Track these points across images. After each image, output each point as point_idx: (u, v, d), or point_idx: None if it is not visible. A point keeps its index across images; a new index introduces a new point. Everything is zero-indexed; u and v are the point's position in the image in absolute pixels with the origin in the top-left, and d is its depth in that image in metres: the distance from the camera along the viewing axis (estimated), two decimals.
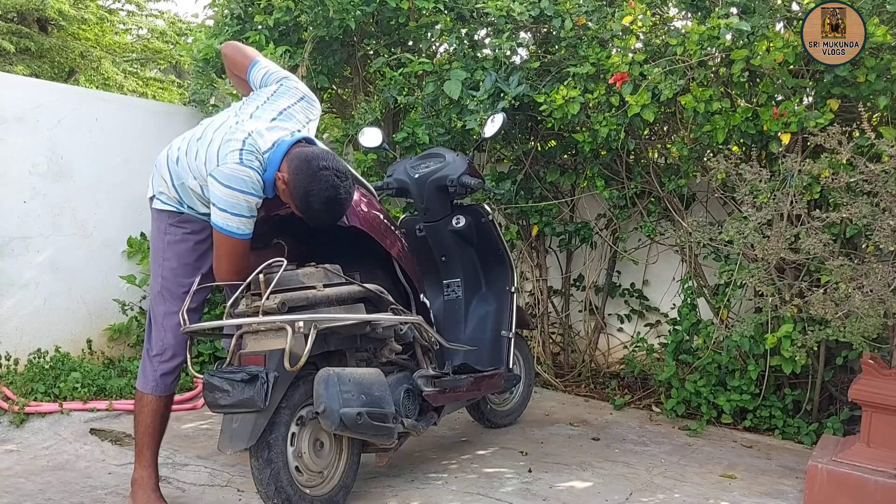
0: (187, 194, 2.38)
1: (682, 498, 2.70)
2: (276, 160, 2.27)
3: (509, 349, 3.17)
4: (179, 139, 2.45)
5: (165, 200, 2.46)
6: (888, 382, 2.63)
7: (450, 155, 3.18)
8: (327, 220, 2.32)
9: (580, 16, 3.52)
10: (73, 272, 3.83)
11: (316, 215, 2.29)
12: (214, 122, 2.41)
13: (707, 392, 3.59)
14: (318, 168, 2.23)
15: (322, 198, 2.24)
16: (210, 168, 2.25)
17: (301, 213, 2.30)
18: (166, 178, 2.42)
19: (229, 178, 2.21)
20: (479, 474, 2.86)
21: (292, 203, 2.29)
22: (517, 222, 4.35)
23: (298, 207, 2.29)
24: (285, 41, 4.15)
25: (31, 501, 2.46)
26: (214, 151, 2.27)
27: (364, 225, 2.54)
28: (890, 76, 2.90)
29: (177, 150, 2.40)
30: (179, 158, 2.37)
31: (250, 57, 2.55)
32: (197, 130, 2.42)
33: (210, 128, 2.38)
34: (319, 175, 2.22)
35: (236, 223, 2.23)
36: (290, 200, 2.29)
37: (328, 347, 2.40)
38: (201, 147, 2.32)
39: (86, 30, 11.02)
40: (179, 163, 2.37)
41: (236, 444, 2.20)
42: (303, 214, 2.31)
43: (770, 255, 2.82)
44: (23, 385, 3.34)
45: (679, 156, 3.55)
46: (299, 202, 2.26)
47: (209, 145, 2.30)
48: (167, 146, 2.48)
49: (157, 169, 2.47)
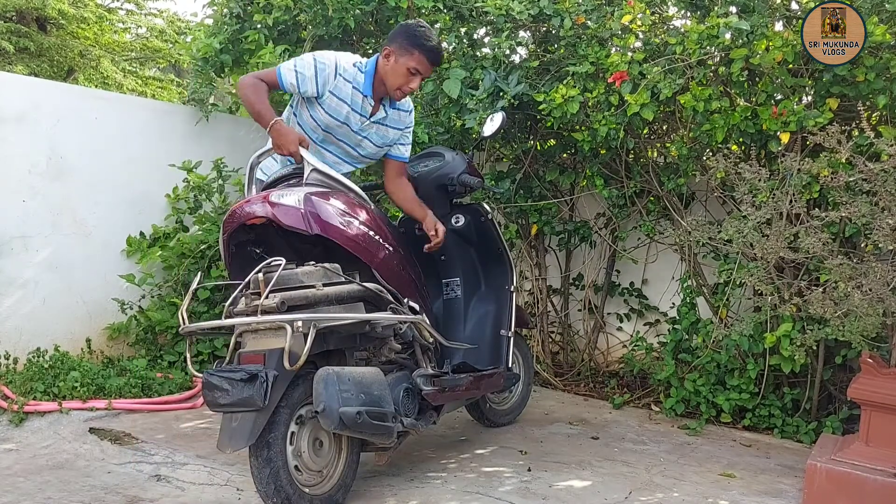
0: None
1: (681, 497, 2.70)
2: (373, 60, 2.80)
3: (508, 348, 3.17)
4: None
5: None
6: (887, 381, 2.63)
7: (449, 154, 3.18)
8: (438, 51, 2.79)
9: (579, 15, 3.52)
10: (73, 271, 3.82)
11: (430, 49, 2.75)
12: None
13: (706, 391, 3.60)
14: (409, 23, 2.83)
15: (427, 32, 2.76)
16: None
17: (412, 51, 2.72)
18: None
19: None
20: (478, 473, 2.86)
21: (403, 59, 2.73)
22: (516, 221, 4.35)
23: (409, 49, 2.72)
24: (284, 40, 4.16)
25: (30, 500, 2.46)
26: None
27: (335, 235, 2.49)
28: (889, 75, 2.90)
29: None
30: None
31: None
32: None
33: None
34: (412, 25, 2.79)
35: (288, 64, 2.71)
36: (401, 60, 2.73)
37: (327, 346, 2.40)
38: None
39: (85, 29, 11.01)
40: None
41: (236, 443, 2.19)
42: (414, 51, 2.72)
43: (769, 254, 2.82)
44: (22, 384, 3.34)
45: (678, 155, 3.55)
46: (409, 41, 2.72)
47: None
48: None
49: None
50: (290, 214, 2.40)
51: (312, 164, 2.61)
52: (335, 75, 2.74)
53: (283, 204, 2.42)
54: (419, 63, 2.76)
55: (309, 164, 2.60)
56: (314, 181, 2.59)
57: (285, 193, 2.47)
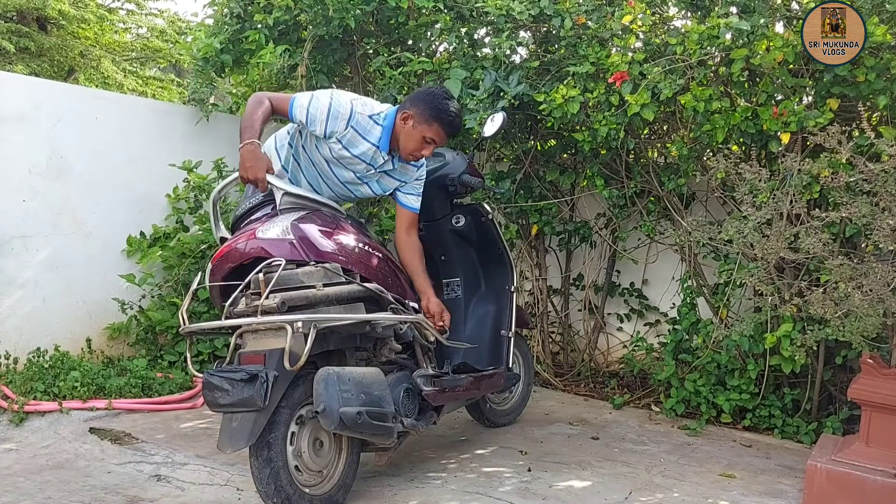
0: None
1: (681, 497, 2.70)
2: (391, 113, 2.74)
3: (509, 348, 3.17)
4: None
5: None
6: (887, 382, 2.63)
7: (449, 154, 3.18)
8: (457, 124, 2.77)
9: (580, 15, 3.52)
10: (73, 271, 3.83)
11: (449, 122, 2.73)
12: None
13: (706, 391, 3.60)
14: (428, 90, 2.81)
15: (441, 96, 2.73)
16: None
17: (432, 121, 2.70)
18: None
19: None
20: (478, 473, 2.86)
21: (421, 127, 2.69)
22: (517, 221, 4.35)
23: (429, 118, 2.70)
24: (285, 40, 4.16)
25: (30, 500, 2.46)
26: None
27: (331, 258, 2.46)
28: (889, 75, 2.90)
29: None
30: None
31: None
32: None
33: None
34: (436, 93, 2.75)
35: (303, 99, 2.64)
36: (418, 127, 2.70)
37: (328, 346, 2.40)
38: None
39: (85, 29, 11.01)
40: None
41: (236, 443, 2.19)
42: (434, 122, 2.70)
43: (769, 254, 2.82)
44: (22, 384, 3.34)
45: (679, 155, 3.55)
46: (430, 112, 2.69)
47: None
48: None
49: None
50: (282, 247, 2.39)
51: (282, 187, 2.56)
52: (346, 126, 2.65)
53: (271, 238, 2.41)
54: (436, 134, 2.73)
55: (279, 189, 2.55)
56: (289, 205, 2.55)
57: (269, 226, 2.45)
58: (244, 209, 2.68)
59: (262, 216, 2.58)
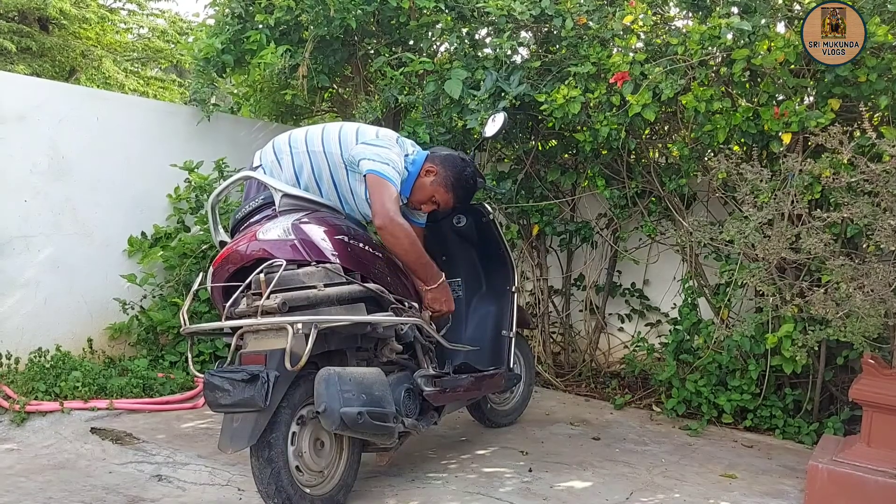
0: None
1: (682, 497, 2.70)
2: (419, 160, 2.80)
3: (510, 349, 3.17)
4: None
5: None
6: (889, 382, 2.63)
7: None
8: (471, 193, 2.89)
9: (581, 15, 3.52)
10: (74, 271, 3.83)
11: (464, 192, 2.83)
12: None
13: (707, 392, 3.59)
14: (461, 159, 2.85)
15: (469, 175, 2.83)
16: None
17: (449, 189, 2.78)
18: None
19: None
20: (479, 474, 2.86)
21: (436, 188, 2.77)
22: (518, 222, 4.35)
23: (448, 186, 2.78)
24: (286, 40, 4.16)
25: (31, 500, 2.46)
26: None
27: (332, 258, 2.47)
28: (891, 76, 2.90)
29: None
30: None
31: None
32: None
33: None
34: (465, 164, 2.84)
35: (390, 172, 2.63)
36: (435, 187, 2.77)
37: (329, 347, 2.40)
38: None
39: (87, 29, 11.02)
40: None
41: (237, 443, 2.20)
42: (450, 191, 2.79)
43: (771, 254, 2.82)
44: (23, 384, 3.35)
45: (680, 155, 3.55)
46: (453, 181, 2.78)
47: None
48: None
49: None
50: (283, 248, 2.40)
51: (281, 189, 2.57)
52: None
53: (272, 239, 2.42)
54: (446, 202, 2.83)
55: (277, 191, 2.56)
56: (288, 206, 2.57)
57: (270, 227, 2.46)
58: (244, 212, 2.68)
59: (261, 218, 2.58)
